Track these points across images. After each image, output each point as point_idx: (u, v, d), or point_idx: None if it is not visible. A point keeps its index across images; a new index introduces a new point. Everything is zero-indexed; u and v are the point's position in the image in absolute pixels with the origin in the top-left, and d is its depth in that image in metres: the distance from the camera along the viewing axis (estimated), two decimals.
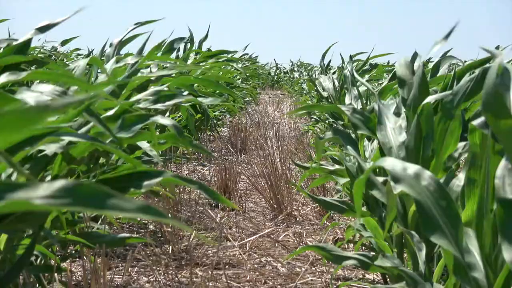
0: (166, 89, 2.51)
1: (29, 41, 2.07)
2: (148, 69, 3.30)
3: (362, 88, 4.24)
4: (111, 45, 3.38)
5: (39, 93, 1.45)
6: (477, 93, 1.82)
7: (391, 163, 1.37)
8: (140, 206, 0.62)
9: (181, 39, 3.82)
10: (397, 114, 2.20)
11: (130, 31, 3.41)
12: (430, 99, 1.86)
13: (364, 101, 4.01)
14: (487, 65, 1.84)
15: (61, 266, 1.94)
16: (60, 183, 0.61)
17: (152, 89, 2.36)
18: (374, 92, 2.73)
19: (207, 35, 6.35)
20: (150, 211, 0.63)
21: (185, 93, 3.47)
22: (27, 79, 1.60)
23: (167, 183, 1.91)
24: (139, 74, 2.73)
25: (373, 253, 2.06)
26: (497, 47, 6.34)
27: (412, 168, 1.36)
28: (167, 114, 4.23)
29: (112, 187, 1.49)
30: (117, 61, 2.76)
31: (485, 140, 1.44)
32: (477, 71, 1.82)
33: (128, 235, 1.89)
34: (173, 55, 4.56)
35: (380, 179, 2.16)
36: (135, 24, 3.41)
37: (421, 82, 1.96)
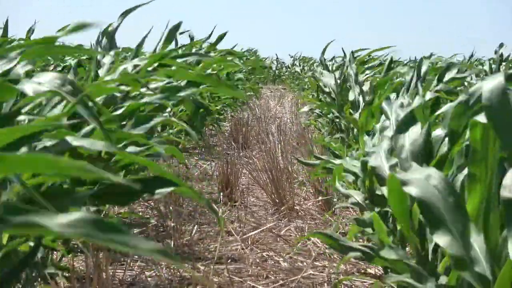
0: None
1: None
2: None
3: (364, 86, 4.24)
4: (104, 35, 3.20)
5: (38, 83, 1.45)
6: None
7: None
8: (155, 249, 0.65)
9: (177, 27, 3.77)
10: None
11: (121, 22, 3.22)
12: (447, 107, 1.89)
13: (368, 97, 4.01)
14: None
15: (64, 261, 1.94)
16: (76, 215, 0.65)
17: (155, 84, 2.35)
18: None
19: (210, 35, 6.32)
20: (165, 255, 0.65)
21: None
22: None
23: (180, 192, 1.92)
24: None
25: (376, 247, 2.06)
26: (501, 45, 6.34)
27: (424, 171, 1.38)
28: (169, 108, 4.22)
29: (127, 190, 1.48)
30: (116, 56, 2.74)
31: (487, 135, 1.44)
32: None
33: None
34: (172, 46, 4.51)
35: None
36: (122, 14, 3.19)
37: None
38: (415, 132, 2.01)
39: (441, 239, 1.31)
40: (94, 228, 0.64)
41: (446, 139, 1.86)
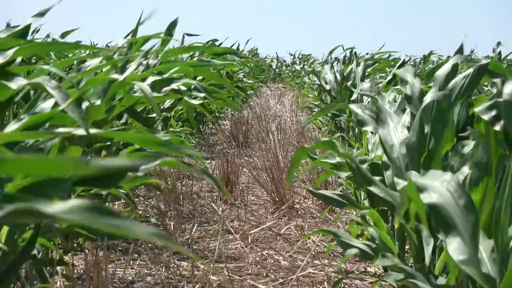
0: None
1: (27, 28, 2.03)
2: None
3: (366, 85, 4.23)
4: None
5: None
6: (473, 89, 1.83)
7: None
8: (151, 232, 0.66)
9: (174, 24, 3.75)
10: (402, 110, 2.19)
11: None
12: (432, 97, 1.86)
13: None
14: (483, 62, 1.85)
15: (63, 259, 1.94)
16: (73, 202, 0.66)
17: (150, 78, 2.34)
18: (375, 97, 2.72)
19: (216, 41, 6.31)
20: (159, 237, 0.66)
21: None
22: None
23: (167, 165, 1.90)
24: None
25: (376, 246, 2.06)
26: (499, 43, 6.34)
27: (442, 176, 1.37)
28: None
29: (110, 170, 1.48)
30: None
31: (488, 131, 1.43)
32: (471, 68, 1.83)
33: None
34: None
35: (377, 178, 2.15)
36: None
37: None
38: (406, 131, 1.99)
39: (450, 242, 1.30)
40: (92, 213, 0.65)
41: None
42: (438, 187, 1.36)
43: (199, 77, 4.07)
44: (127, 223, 0.65)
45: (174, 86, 2.20)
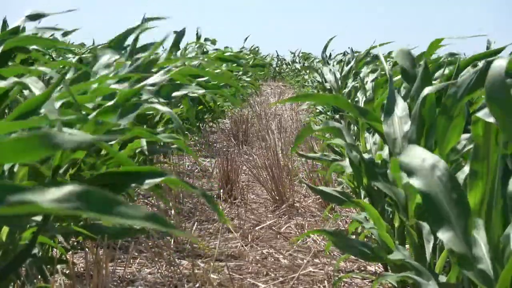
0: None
1: (17, 29, 2.03)
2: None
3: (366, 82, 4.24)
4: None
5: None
6: (481, 85, 1.81)
7: (416, 154, 1.36)
8: (146, 215, 0.63)
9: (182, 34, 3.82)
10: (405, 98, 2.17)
11: (137, 26, 3.35)
12: (430, 89, 1.85)
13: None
14: (491, 58, 1.84)
15: (63, 258, 1.94)
16: (68, 188, 0.63)
17: (156, 76, 2.34)
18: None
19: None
20: (157, 221, 0.64)
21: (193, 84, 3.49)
22: None
23: (169, 183, 1.91)
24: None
25: (375, 245, 2.06)
26: (489, 41, 6.33)
27: (430, 159, 1.36)
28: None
29: (115, 181, 1.49)
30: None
31: (488, 131, 1.43)
32: (481, 64, 1.81)
33: (130, 227, 1.89)
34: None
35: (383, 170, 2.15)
36: (143, 20, 3.35)
37: (424, 73, 1.95)
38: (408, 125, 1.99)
39: (444, 235, 1.30)
40: (84, 200, 0.62)
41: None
42: (426, 171, 1.34)
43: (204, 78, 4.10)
44: (120, 209, 0.62)
45: (184, 92, 2.21)
